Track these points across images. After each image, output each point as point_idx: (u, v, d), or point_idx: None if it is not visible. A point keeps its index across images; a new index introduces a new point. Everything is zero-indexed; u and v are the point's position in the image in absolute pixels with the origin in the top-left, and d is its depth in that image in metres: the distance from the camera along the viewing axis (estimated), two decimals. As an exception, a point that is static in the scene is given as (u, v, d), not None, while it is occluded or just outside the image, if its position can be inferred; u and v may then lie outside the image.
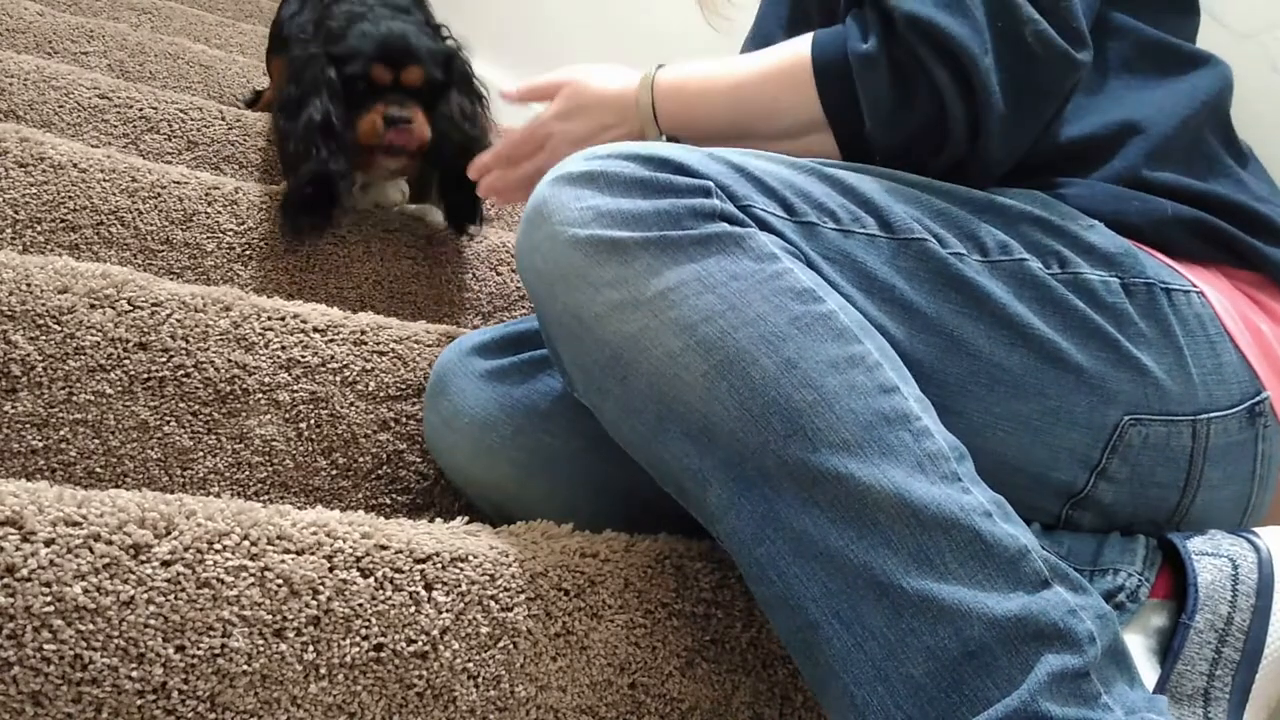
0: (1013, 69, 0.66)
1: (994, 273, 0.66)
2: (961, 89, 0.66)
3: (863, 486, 0.56)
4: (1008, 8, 0.66)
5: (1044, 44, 0.66)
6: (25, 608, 0.52)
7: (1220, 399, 0.67)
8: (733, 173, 0.65)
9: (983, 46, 0.65)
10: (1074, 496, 0.67)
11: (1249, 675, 0.62)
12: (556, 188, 0.66)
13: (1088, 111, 0.74)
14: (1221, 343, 0.68)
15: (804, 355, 0.59)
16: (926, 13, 0.65)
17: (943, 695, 0.54)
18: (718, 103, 0.77)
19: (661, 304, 0.61)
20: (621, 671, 0.66)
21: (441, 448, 0.84)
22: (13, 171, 1.03)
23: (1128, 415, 0.65)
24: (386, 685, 0.59)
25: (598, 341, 0.64)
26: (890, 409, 0.58)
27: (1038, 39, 0.65)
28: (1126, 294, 0.67)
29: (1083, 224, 0.69)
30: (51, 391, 0.80)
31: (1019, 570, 0.56)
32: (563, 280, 0.65)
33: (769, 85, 0.73)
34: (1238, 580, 0.64)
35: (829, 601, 0.57)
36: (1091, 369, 0.65)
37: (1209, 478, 0.68)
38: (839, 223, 0.66)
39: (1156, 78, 0.76)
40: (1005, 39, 0.66)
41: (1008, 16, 0.66)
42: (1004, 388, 0.65)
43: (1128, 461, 0.66)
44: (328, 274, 1.17)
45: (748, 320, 0.60)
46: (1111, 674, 0.56)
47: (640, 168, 0.64)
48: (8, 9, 1.52)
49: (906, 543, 0.56)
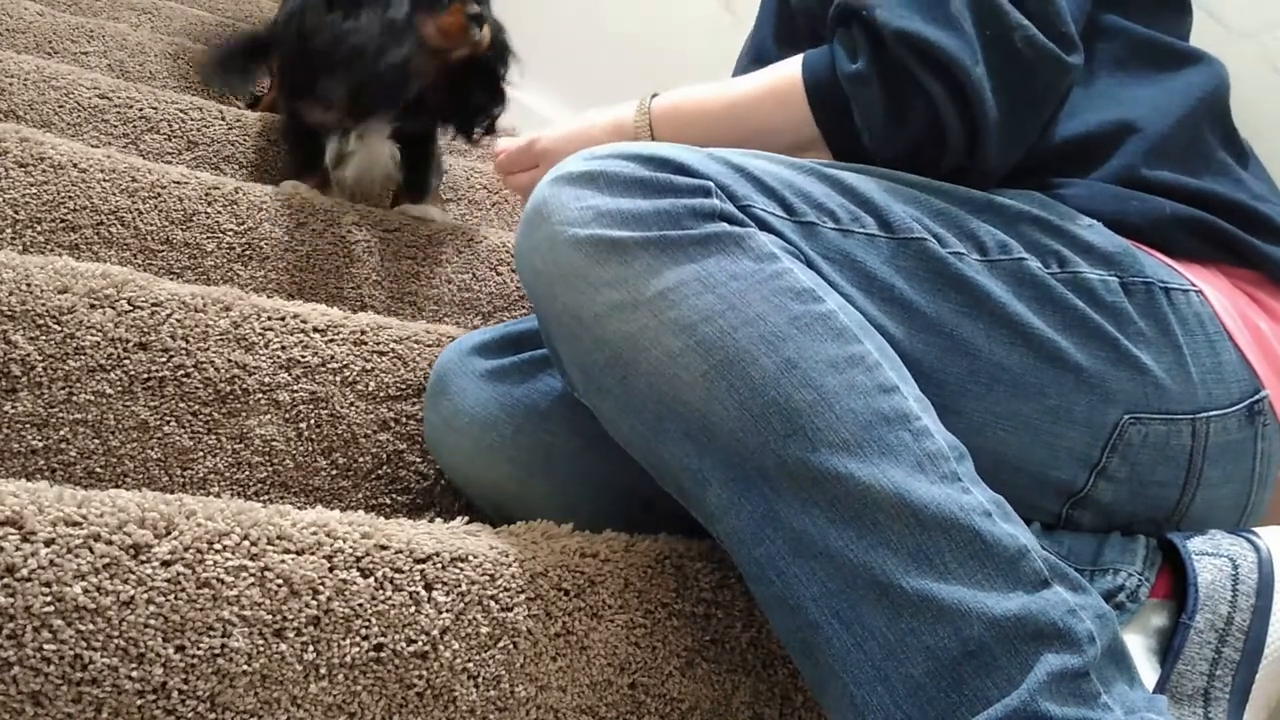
0: (1005, 75, 0.67)
1: (993, 272, 0.66)
2: (956, 100, 0.67)
3: (862, 486, 0.56)
4: (995, 15, 0.66)
5: (1034, 48, 0.66)
6: (25, 608, 0.52)
7: (1219, 398, 0.67)
8: (732, 172, 0.65)
9: (974, 57, 0.66)
10: (1074, 495, 0.68)
11: (1249, 675, 0.62)
12: (556, 187, 0.66)
13: (1083, 111, 0.74)
14: (1220, 341, 0.68)
15: (803, 355, 0.59)
16: (915, 28, 0.66)
17: (942, 695, 0.54)
18: (715, 122, 0.78)
19: (661, 304, 0.61)
20: (621, 671, 0.66)
21: (442, 447, 0.84)
22: (13, 171, 1.03)
23: (1127, 414, 0.65)
24: (386, 685, 0.59)
25: (597, 341, 0.64)
26: (890, 409, 0.58)
27: (1027, 44, 0.66)
28: (1125, 293, 0.67)
29: (1081, 224, 0.69)
30: (51, 391, 0.80)
31: (1018, 570, 0.56)
32: (562, 280, 0.64)
33: (764, 104, 0.75)
34: (1238, 580, 0.64)
35: (829, 601, 0.57)
36: (1091, 368, 0.65)
37: (1208, 476, 0.68)
38: (838, 222, 0.66)
39: (1151, 76, 0.76)
40: (995, 46, 0.66)
41: (996, 24, 0.66)
42: (1003, 387, 0.65)
43: (1127, 460, 0.66)
44: (328, 274, 1.17)
45: (747, 320, 0.60)
46: (1111, 674, 0.56)
47: (640, 167, 0.64)
48: (8, 9, 1.52)
49: (906, 542, 0.56)
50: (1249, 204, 0.72)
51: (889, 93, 0.68)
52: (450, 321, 1.24)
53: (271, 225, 1.14)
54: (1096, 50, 0.76)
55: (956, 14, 0.66)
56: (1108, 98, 0.75)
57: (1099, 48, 0.76)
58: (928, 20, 0.66)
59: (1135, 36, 0.77)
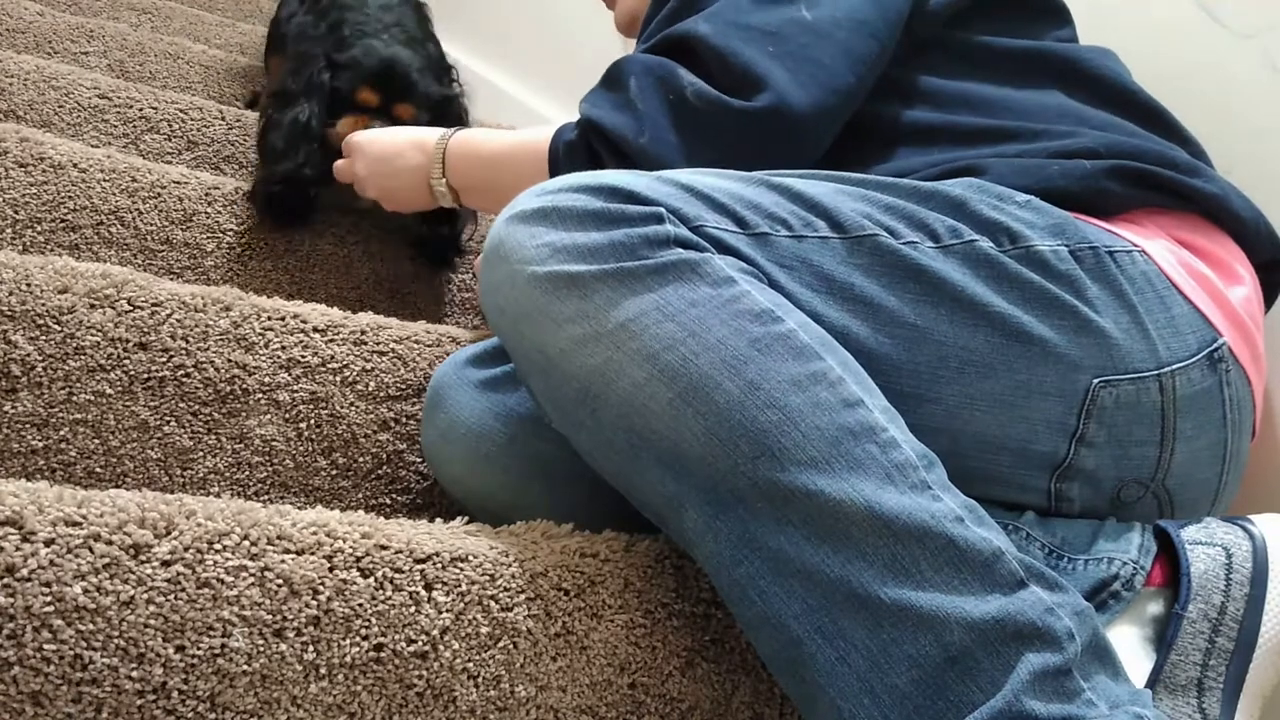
0: (687, 124, 0.78)
1: (948, 257, 0.67)
2: (621, 163, 0.80)
3: (833, 502, 0.57)
4: (671, 81, 0.79)
5: (703, 100, 0.78)
6: (25, 608, 0.52)
7: (1178, 351, 0.69)
8: (682, 193, 0.66)
9: (639, 129, 0.79)
10: (1059, 467, 0.68)
11: (1243, 665, 0.62)
12: (511, 226, 0.67)
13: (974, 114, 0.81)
14: (1170, 296, 0.70)
15: (766, 376, 0.60)
16: (597, 115, 0.81)
17: (928, 702, 0.55)
18: (487, 163, 0.95)
19: (623, 335, 0.62)
20: (621, 671, 0.66)
21: (439, 460, 0.84)
22: (13, 171, 1.03)
23: (1096, 379, 0.67)
24: (386, 685, 0.59)
25: (565, 376, 0.65)
26: (855, 423, 0.59)
27: (697, 96, 0.78)
28: (1076, 260, 0.69)
29: (1020, 200, 0.71)
30: (51, 391, 0.80)
31: (994, 573, 0.56)
32: (526, 318, 0.66)
33: (521, 155, 0.91)
34: (1231, 569, 0.64)
35: (810, 617, 0.57)
36: (1055, 339, 0.66)
37: (1182, 429, 0.69)
38: (791, 229, 0.67)
39: (1020, 83, 0.83)
40: (677, 105, 0.79)
41: (673, 88, 0.79)
42: (974, 369, 0.66)
43: (1104, 424, 0.67)
44: (328, 274, 1.17)
45: (708, 346, 0.61)
46: (1094, 669, 0.57)
47: (591, 199, 0.65)
48: (8, 9, 1.52)
49: (881, 554, 0.56)
50: (1157, 149, 0.76)
51: (583, 161, 0.83)
52: (450, 321, 1.24)
53: (271, 224, 1.14)
54: (969, 61, 0.84)
55: (635, 97, 0.80)
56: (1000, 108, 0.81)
57: (970, 59, 0.84)
58: (612, 107, 0.81)
59: (998, 48, 0.84)
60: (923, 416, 0.65)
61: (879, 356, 0.65)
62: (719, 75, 0.78)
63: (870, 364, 0.64)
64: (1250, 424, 0.74)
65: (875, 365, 0.65)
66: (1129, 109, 0.82)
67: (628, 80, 0.81)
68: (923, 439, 0.62)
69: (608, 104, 0.81)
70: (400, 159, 1.01)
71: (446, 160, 0.98)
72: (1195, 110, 0.87)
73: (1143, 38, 0.99)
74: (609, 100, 0.82)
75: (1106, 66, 0.84)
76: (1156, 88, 0.85)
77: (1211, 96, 0.94)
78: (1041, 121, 0.79)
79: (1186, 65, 0.97)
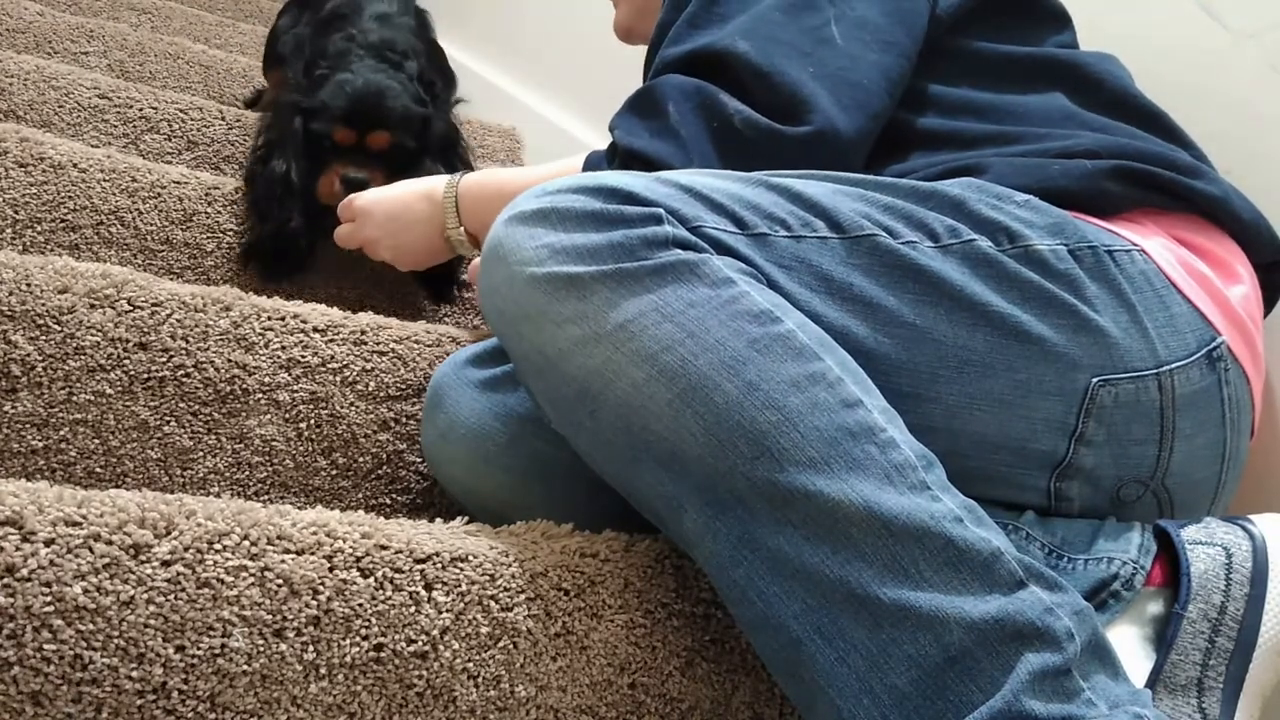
0: (733, 152, 0.76)
1: (947, 256, 0.67)
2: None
3: (832, 502, 0.57)
4: (715, 108, 0.76)
5: (752, 127, 0.75)
6: (25, 608, 0.52)
7: (1177, 350, 0.69)
8: (681, 194, 0.66)
9: (685, 159, 0.76)
10: (1058, 466, 0.68)
11: (1243, 665, 0.62)
12: (510, 228, 0.67)
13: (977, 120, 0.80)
14: (1169, 295, 0.70)
15: (764, 377, 0.60)
16: (638, 145, 0.77)
17: (928, 703, 0.55)
18: (500, 203, 0.89)
19: (622, 336, 0.62)
20: (621, 671, 0.66)
21: (439, 460, 0.84)
22: (13, 171, 1.03)
23: (1095, 378, 0.67)
24: (386, 685, 0.59)
25: (564, 377, 0.65)
26: (854, 423, 0.59)
27: (746, 124, 0.75)
28: (1075, 260, 0.69)
29: (1019, 199, 0.71)
30: (51, 391, 0.80)
31: (993, 573, 0.56)
32: (525, 319, 0.66)
33: None
34: (1231, 569, 0.64)
35: (809, 618, 0.57)
36: (1053, 338, 0.66)
37: (1181, 428, 0.69)
38: (790, 230, 0.67)
39: (1023, 90, 0.83)
40: (722, 134, 0.76)
41: (718, 115, 0.76)
42: (973, 368, 0.66)
43: (1103, 423, 0.67)
44: (328, 274, 1.17)
45: (707, 347, 0.61)
46: (1093, 668, 0.57)
47: (591, 200, 0.65)
48: (8, 9, 1.52)
49: (880, 554, 0.56)
50: (1156, 150, 0.76)
51: None
52: (450, 321, 1.24)
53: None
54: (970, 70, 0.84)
55: (675, 124, 0.77)
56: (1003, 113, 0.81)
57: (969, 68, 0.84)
58: (651, 135, 0.77)
59: (997, 54, 0.84)
60: (922, 416, 0.65)
61: (878, 356, 0.65)
62: (760, 95, 0.76)
63: (869, 364, 0.64)
64: (1249, 423, 0.74)
65: (874, 365, 0.65)
66: (1130, 113, 0.82)
67: (665, 105, 0.78)
68: (922, 439, 0.62)
69: (645, 131, 0.78)
70: (409, 213, 0.99)
71: (460, 205, 0.96)
72: (1195, 110, 0.87)
73: (1143, 38, 0.99)
74: (646, 128, 0.78)
75: (1108, 71, 0.84)
76: (1157, 88, 0.85)
77: (1211, 96, 0.94)
78: (1044, 125, 0.79)
79: (1186, 65, 0.97)
